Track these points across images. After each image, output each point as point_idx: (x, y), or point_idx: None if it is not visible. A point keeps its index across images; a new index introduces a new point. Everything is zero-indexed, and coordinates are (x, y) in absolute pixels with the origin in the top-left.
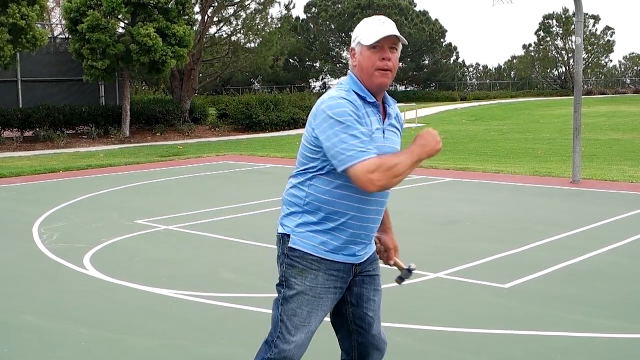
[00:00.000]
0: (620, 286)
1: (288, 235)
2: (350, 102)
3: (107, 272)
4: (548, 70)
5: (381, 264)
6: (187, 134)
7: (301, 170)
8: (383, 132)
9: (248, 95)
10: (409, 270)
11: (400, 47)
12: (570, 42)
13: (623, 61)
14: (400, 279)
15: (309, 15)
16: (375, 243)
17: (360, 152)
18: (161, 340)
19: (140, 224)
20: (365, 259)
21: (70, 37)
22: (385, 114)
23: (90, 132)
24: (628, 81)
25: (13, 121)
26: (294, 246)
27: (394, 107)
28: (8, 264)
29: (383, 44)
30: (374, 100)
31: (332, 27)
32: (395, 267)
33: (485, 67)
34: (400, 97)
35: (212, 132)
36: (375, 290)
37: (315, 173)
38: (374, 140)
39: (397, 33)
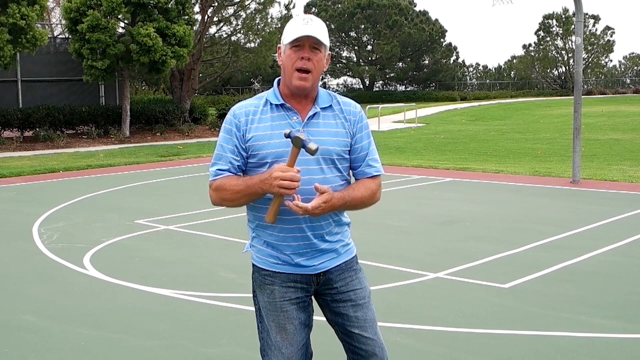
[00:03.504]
0: (620, 286)
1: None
2: (235, 115)
3: (107, 272)
4: (548, 70)
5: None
6: (187, 134)
7: None
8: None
9: (248, 95)
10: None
11: (325, 49)
12: (570, 42)
13: (623, 61)
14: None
15: None
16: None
17: (213, 171)
18: (161, 340)
19: (140, 224)
20: (325, 269)
21: (70, 37)
22: (305, 114)
23: (90, 132)
24: (628, 81)
25: (13, 121)
26: (252, 261)
27: (337, 105)
28: (8, 264)
29: (304, 43)
30: (282, 102)
31: (332, 27)
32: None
33: (485, 67)
34: (401, 97)
35: (212, 132)
36: (354, 306)
37: None
38: (266, 146)
39: (319, 35)
